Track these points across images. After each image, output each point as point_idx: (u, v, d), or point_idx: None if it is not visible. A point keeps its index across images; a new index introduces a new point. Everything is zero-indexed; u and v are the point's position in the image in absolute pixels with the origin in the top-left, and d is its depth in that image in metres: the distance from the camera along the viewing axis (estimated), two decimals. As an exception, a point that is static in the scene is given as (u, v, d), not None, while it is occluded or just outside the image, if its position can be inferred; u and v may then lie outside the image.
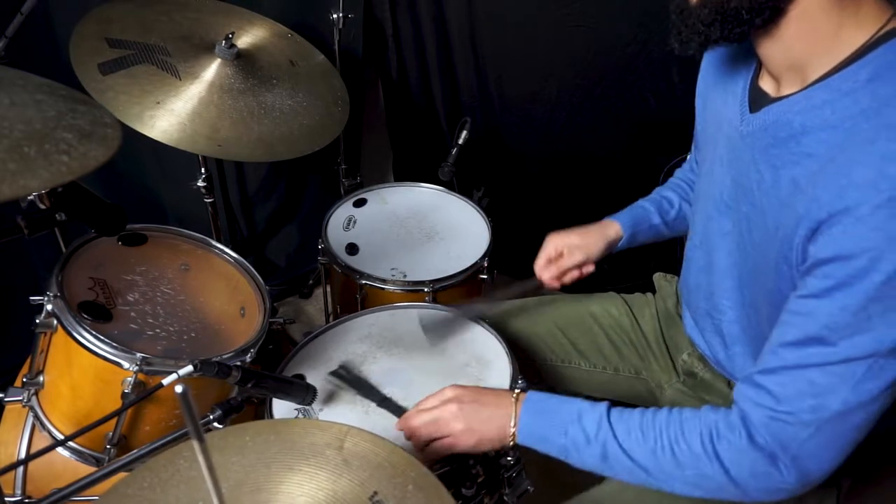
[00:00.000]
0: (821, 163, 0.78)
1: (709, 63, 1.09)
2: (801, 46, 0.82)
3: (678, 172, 1.37)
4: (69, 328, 1.05)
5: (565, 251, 1.25)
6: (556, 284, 1.27)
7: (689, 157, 1.34)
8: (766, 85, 0.93)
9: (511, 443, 0.96)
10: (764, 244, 0.89)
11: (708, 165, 1.07)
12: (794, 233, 0.80)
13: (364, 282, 1.45)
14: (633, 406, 1.32)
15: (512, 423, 0.96)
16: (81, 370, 1.08)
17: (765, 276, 0.91)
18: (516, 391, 0.99)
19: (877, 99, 0.76)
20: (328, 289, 1.74)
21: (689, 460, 0.86)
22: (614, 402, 0.95)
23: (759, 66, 0.95)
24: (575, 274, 1.25)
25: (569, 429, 0.92)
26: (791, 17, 0.81)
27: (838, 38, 0.80)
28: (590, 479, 1.17)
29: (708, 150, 1.08)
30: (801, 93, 0.84)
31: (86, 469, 1.13)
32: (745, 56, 0.98)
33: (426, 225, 1.63)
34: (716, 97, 1.04)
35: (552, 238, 1.27)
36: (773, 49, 0.86)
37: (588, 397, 1.35)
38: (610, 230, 1.27)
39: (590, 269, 1.26)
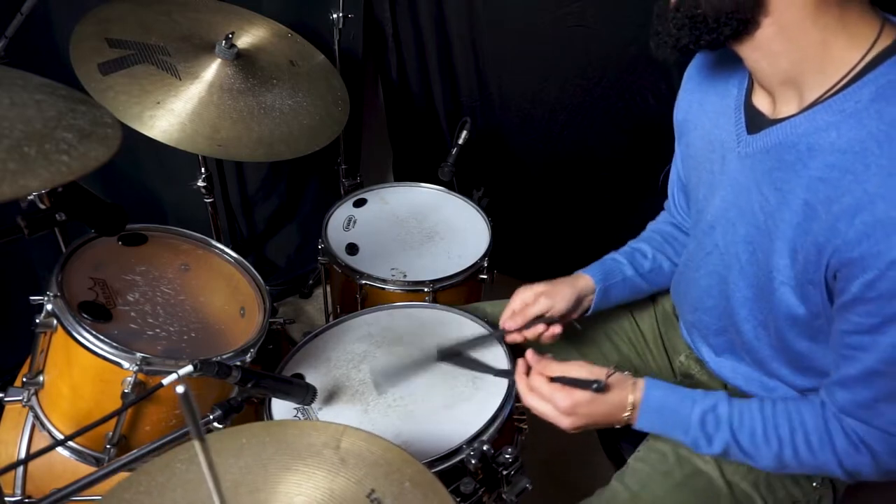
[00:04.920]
0: (834, 188, 0.79)
1: (690, 88, 1.07)
2: (788, 60, 0.83)
3: (650, 225, 1.31)
4: (69, 328, 1.05)
5: (531, 301, 1.16)
6: (519, 338, 1.16)
7: (666, 204, 1.29)
8: (761, 103, 0.92)
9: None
10: (773, 265, 0.89)
11: (696, 189, 1.07)
12: (819, 261, 0.82)
13: (364, 282, 1.45)
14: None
15: (626, 414, 0.97)
16: (81, 370, 1.08)
17: (775, 297, 0.91)
18: (633, 380, 0.98)
19: (884, 121, 0.76)
20: (328, 289, 1.74)
21: (811, 463, 0.91)
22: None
23: (751, 84, 0.94)
24: (540, 328, 1.14)
25: (690, 430, 0.95)
26: (769, 31, 0.81)
27: (827, 55, 0.80)
28: (588, 480, 1.17)
29: (695, 174, 1.07)
30: (802, 114, 0.84)
31: (86, 469, 1.13)
32: (733, 76, 0.97)
33: (426, 225, 1.63)
34: (704, 121, 1.02)
35: (518, 291, 1.19)
36: (759, 62, 0.86)
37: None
38: (579, 281, 1.19)
39: (557, 329, 1.15)
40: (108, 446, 1.08)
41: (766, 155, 0.89)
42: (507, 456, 1.02)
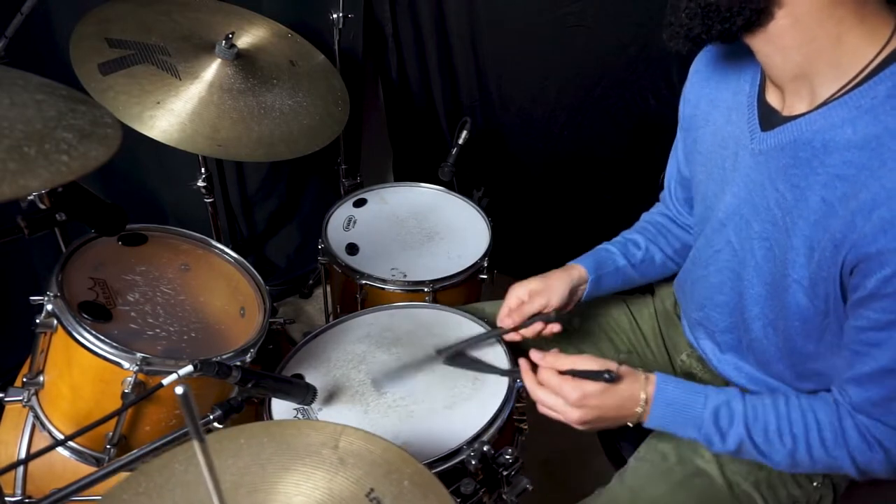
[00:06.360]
0: (851, 184, 0.79)
1: (699, 82, 1.07)
2: (801, 54, 0.82)
3: (645, 215, 1.32)
4: (69, 328, 1.05)
5: (526, 298, 1.16)
6: (517, 337, 1.17)
7: (661, 195, 1.29)
8: (773, 99, 0.92)
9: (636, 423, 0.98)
10: (788, 262, 0.89)
11: (704, 185, 1.06)
12: (835, 257, 0.81)
13: (364, 282, 1.45)
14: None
15: (639, 409, 0.96)
16: (81, 370, 1.08)
17: (788, 295, 0.91)
18: (645, 374, 0.97)
19: None
20: (328, 289, 1.75)
21: (824, 460, 0.91)
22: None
23: (763, 80, 0.94)
24: (538, 326, 1.15)
25: (703, 425, 0.94)
26: (783, 24, 0.81)
27: (842, 49, 0.80)
28: (589, 480, 1.17)
29: (703, 170, 1.06)
30: (817, 111, 0.83)
31: (86, 469, 1.13)
32: (745, 71, 0.97)
33: (426, 225, 1.64)
34: (716, 116, 1.02)
35: (513, 288, 1.18)
36: (771, 56, 0.85)
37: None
38: (573, 272, 1.19)
39: (555, 328, 1.15)
40: (108, 446, 1.08)
41: (781, 152, 0.88)
42: (508, 456, 1.02)
